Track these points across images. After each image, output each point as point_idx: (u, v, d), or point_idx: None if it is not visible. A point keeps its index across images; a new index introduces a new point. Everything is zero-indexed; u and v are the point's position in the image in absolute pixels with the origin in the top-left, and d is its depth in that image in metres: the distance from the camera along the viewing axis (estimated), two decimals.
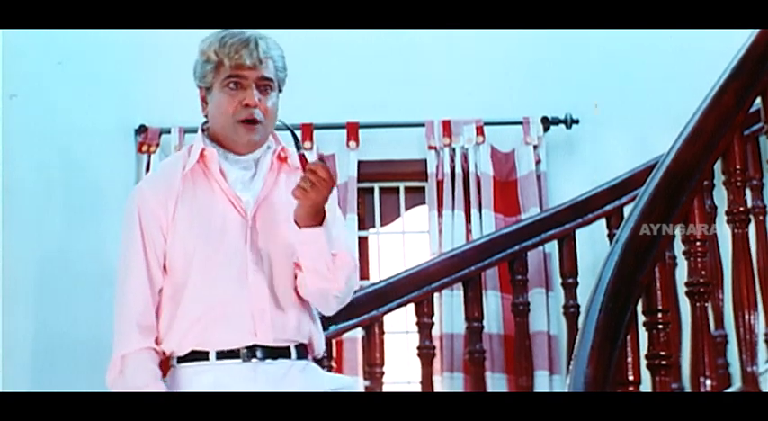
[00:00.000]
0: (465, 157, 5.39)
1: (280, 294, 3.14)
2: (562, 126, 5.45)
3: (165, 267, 3.15)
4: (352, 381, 3.36)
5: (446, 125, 5.41)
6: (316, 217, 3.10)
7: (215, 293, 3.10)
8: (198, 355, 3.11)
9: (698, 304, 3.54)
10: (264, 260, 3.13)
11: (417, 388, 4.59)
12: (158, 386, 3.08)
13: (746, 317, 3.58)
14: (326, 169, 3.07)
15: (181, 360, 3.13)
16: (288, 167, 3.26)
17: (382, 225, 5.57)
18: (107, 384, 3.11)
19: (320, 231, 3.10)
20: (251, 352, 3.10)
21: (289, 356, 3.14)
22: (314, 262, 3.13)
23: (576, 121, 5.44)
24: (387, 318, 4.48)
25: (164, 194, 3.15)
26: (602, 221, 4.98)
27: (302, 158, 3.11)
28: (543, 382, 5.03)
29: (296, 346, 3.16)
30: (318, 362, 3.34)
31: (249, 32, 3.18)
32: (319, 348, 3.25)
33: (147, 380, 3.07)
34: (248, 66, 3.14)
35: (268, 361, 3.11)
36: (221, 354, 3.09)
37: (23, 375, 4.58)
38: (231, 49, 3.13)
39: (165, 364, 3.19)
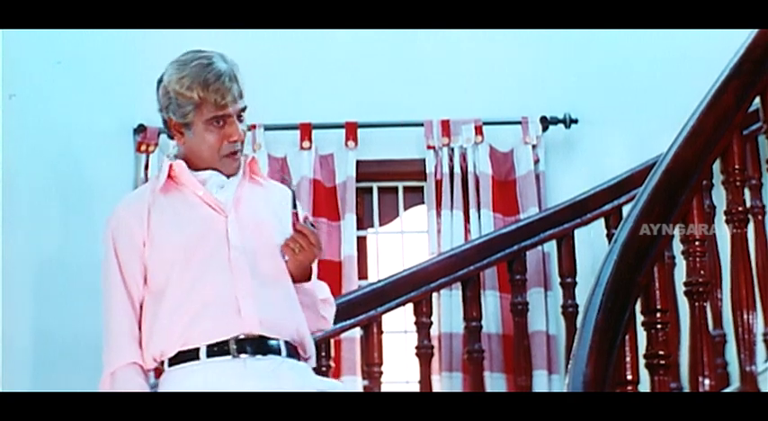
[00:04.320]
0: (464, 157, 5.39)
1: (264, 283, 3.14)
2: (561, 126, 5.45)
3: (145, 280, 3.18)
4: (344, 387, 3.37)
5: (445, 125, 5.41)
6: (303, 274, 3.23)
7: (197, 289, 3.11)
8: (187, 355, 3.11)
9: (697, 304, 3.54)
10: (248, 255, 3.15)
11: (416, 387, 4.59)
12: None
13: (745, 316, 3.58)
14: (316, 235, 3.16)
15: (171, 362, 3.13)
16: (253, 175, 3.31)
17: (381, 225, 5.58)
18: None
19: (308, 286, 3.25)
20: (240, 347, 3.09)
21: (279, 353, 3.14)
22: (303, 306, 3.26)
23: (575, 121, 5.44)
24: (385, 318, 4.49)
25: (137, 208, 3.20)
26: (601, 221, 4.98)
27: (295, 217, 3.17)
28: (542, 382, 5.03)
29: (286, 343, 3.15)
30: (317, 360, 3.35)
31: (221, 65, 3.19)
32: (311, 352, 3.26)
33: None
34: (230, 103, 3.18)
35: (258, 356, 3.10)
36: (211, 351, 3.09)
37: (23, 375, 4.58)
38: (218, 94, 3.15)
39: (158, 373, 3.20)
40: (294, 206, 3.20)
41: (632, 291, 3.20)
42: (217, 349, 3.09)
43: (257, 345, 3.11)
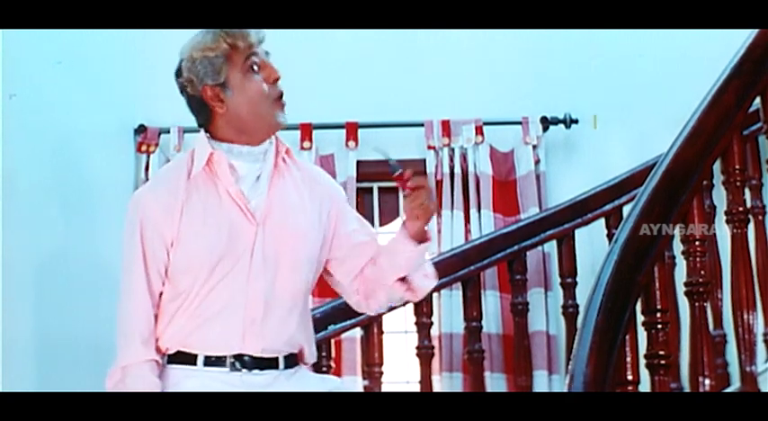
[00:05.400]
0: (464, 157, 5.40)
1: (277, 304, 3.10)
2: (561, 126, 5.45)
3: (166, 272, 3.12)
4: (340, 383, 3.35)
5: (445, 125, 5.41)
6: (425, 232, 3.16)
7: (213, 298, 3.07)
8: (186, 358, 3.09)
9: (697, 304, 3.55)
10: (269, 268, 3.09)
11: (416, 388, 4.59)
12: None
13: (745, 316, 3.58)
14: (424, 178, 3.11)
15: (170, 360, 3.11)
16: (288, 166, 3.21)
17: (381, 225, 5.58)
18: (107, 390, 3.11)
19: (423, 247, 3.18)
20: (238, 362, 3.07)
21: (276, 367, 3.11)
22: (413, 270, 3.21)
23: (576, 121, 5.44)
24: (386, 318, 4.49)
25: (167, 204, 3.09)
26: (602, 221, 4.98)
27: (399, 178, 3.10)
28: (542, 382, 5.03)
29: (285, 356, 3.13)
30: (317, 362, 3.33)
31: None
32: (310, 357, 3.24)
33: (147, 391, 3.06)
34: (256, 43, 3.12)
35: (255, 371, 3.08)
36: (208, 361, 3.07)
37: (23, 375, 4.58)
38: (242, 34, 3.10)
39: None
40: (394, 170, 3.09)
41: (632, 291, 3.20)
42: (214, 360, 3.08)
43: (255, 362, 3.08)
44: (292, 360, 3.15)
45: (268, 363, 3.09)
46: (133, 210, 3.15)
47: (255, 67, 3.11)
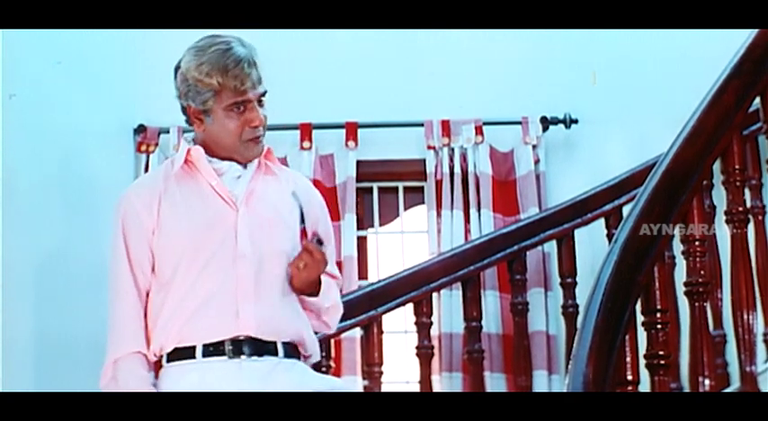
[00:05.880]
0: (464, 157, 5.40)
1: (267, 286, 3.14)
2: (561, 126, 5.45)
3: (153, 267, 3.16)
4: (342, 384, 3.36)
5: (445, 125, 5.41)
6: (309, 288, 3.21)
7: (200, 285, 3.11)
8: (184, 353, 3.11)
9: (697, 304, 3.55)
10: (254, 252, 3.14)
11: (416, 388, 4.60)
12: (150, 391, 3.09)
13: (745, 316, 3.58)
14: (321, 253, 3.14)
15: (169, 359, 3.13)
16: (269, 168, 3.29)
17: (381, 225, 5.58)
18: (100, 388, 3.12)
19: (313, 300, 3.24)
20: (237, 348, 3.09)
21: (275, 353, 3.13)
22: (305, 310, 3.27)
23: (575, 121, 5.44)
24: (385, 318, 4.49)
25: (147, 196, 3.17)
26: (601, 221, 4.99)
27: (302, 233, 3.19)
28: (542, 382, 5.03)
29: (284, 344, 3.15)
30: (317, 362, 3.34)
31: (240, 51, 3.15)
32: (313, 350, 3.25)
33: (138, 386, 3.08)
34: (250, 88, 3.15)
35: (254, 358, 3.10)
36: (207, 351, 3.09)
37: (23, 375, 4.58)
38: (237, 80, 3.12)
39: (158, 366, 3.19)
40: (302, 221, 3.20)
41: (632, 291, 3.20)
42: (213, 349, 3.09)
43: (253, 347, 3.10)
44: (291, 349, 3.17)
45: (266, 349, 3.11)
46: (116, 210, 3.22)
47: (240, 108, 3.16)
